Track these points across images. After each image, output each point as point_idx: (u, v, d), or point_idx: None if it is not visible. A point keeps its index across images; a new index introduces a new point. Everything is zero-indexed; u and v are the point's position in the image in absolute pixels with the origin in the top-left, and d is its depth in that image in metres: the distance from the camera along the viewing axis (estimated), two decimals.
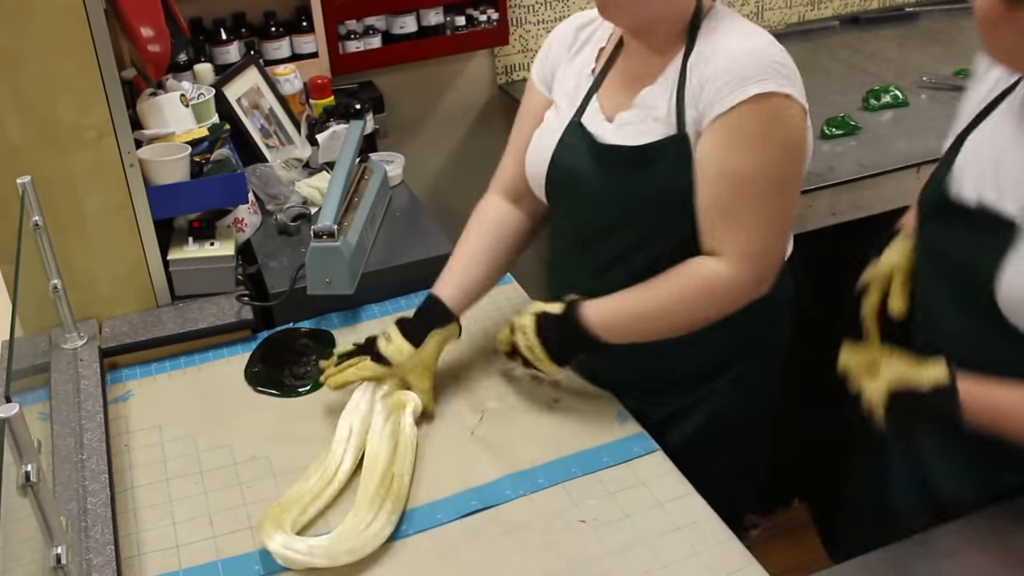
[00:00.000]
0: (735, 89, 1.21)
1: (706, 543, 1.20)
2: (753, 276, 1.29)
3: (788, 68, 1.25)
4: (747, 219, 1.26)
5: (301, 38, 2.37)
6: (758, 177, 1.24)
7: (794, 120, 1.24)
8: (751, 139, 1.23)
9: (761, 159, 1.24)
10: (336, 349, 1.51)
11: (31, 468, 0.92)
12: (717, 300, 1.31)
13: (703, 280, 1.29)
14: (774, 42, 1.27)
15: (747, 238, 1.27)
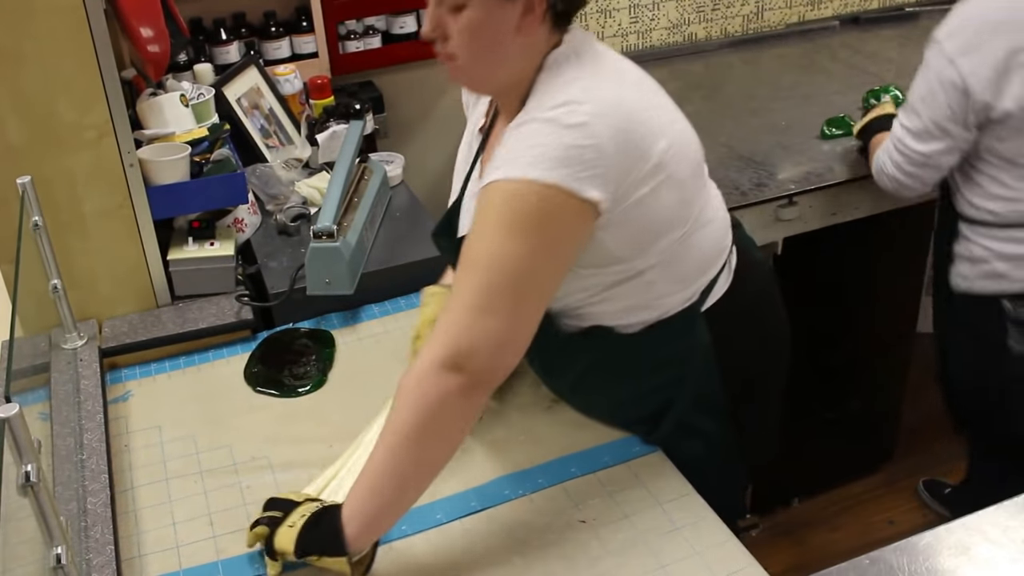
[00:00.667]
0: (491, 169, 1.14)
1: (706, 543, 1.20)
2: (441, 356, 1.10)
3: (556, 149, 1.09)
4: (456, 295, 1.14)
5: (301, 38, 2.37)
6: (471, 250, 1.13)
7: (539, 204, 1.09)
8: (485, 217, 1.13)
9: (478, 233, 1.14)
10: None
11: (31, 468, 0.92)
12: (431, 409, 1.11)
13: (408, 389, 1.13)
14: (572, 113, 1.11)
15: (449, 326, 1.13)
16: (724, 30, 2.91)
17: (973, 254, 1.79)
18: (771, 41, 2.91)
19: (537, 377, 1.50)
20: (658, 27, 2.82)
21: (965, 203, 1.79)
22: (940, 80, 1.68)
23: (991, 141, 1.71)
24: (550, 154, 1.09)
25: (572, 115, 1.11)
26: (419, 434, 1.12)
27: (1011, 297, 1.76)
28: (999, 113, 1.65)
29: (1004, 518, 1.18)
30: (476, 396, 1.14)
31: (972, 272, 1.81)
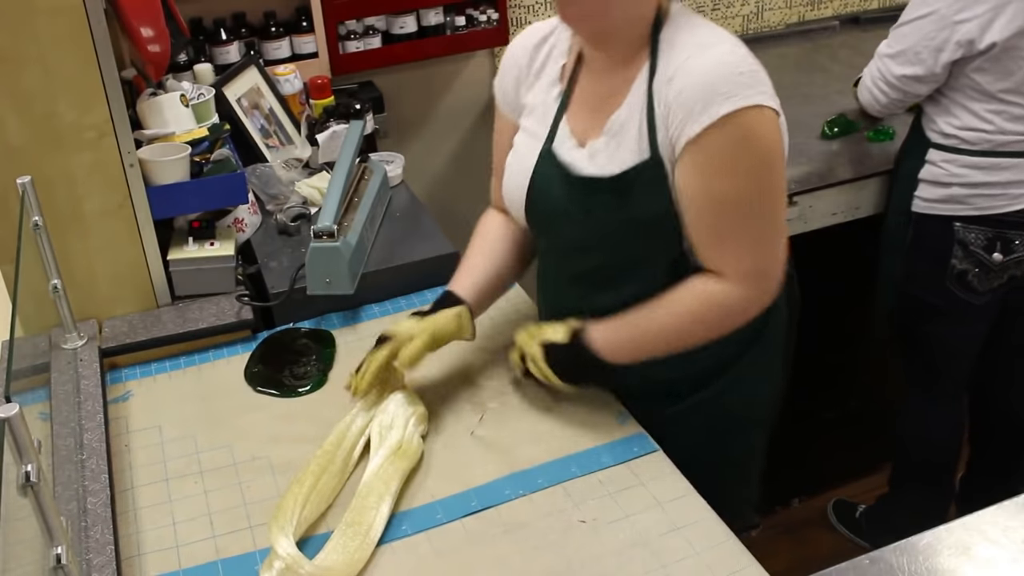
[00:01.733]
0: (701, 113, 1.18)
1: (706, 543, 1.20)
2: (757, 292, 1.29)
3: (750, 74, 1.19)
4: (742, 239, 1.25)
5: (301, 38, 2.37)
6: (742, 198, 1.23)
7: (766, 129, 1.20)
8: (727, 162, 1.20)
9: (742, 180, 1.21)
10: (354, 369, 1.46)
11: (31, 468, 0.92)
12: (724, 319, 1.31)
13: (709, 301, 1.29)
14: (734, 48, 1.22)
15: (744, 258, 1.26)
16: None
17: (937, 178, 1.95)
18: (771, 41, 2.91)
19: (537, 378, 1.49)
20: None
21: (936, 130, 1.94)
22: (932, 9, 1.82)
23: (971, 72, 1.84)
24: (759, 82, 1.19)
25: (741, 49, 1.22)
26: (700, 334, 1.31)
27: (963, 219, 1.94)
28: (984, 44, 1.78)
29: (1004, 518, 1.18)
30: (761, 306, 1.30)
31: (933, 195, 1.96)
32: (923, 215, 2.00)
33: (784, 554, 2.34)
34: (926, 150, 1.96)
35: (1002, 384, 2.23)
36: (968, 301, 2.01)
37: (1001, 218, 1.91)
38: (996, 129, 1.86)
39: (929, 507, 2.25)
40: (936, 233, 1.98)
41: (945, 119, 1.92)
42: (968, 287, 1.99)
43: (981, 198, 1.91)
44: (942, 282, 2.01)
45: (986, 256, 1.94)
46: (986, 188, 1.90)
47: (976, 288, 1.99)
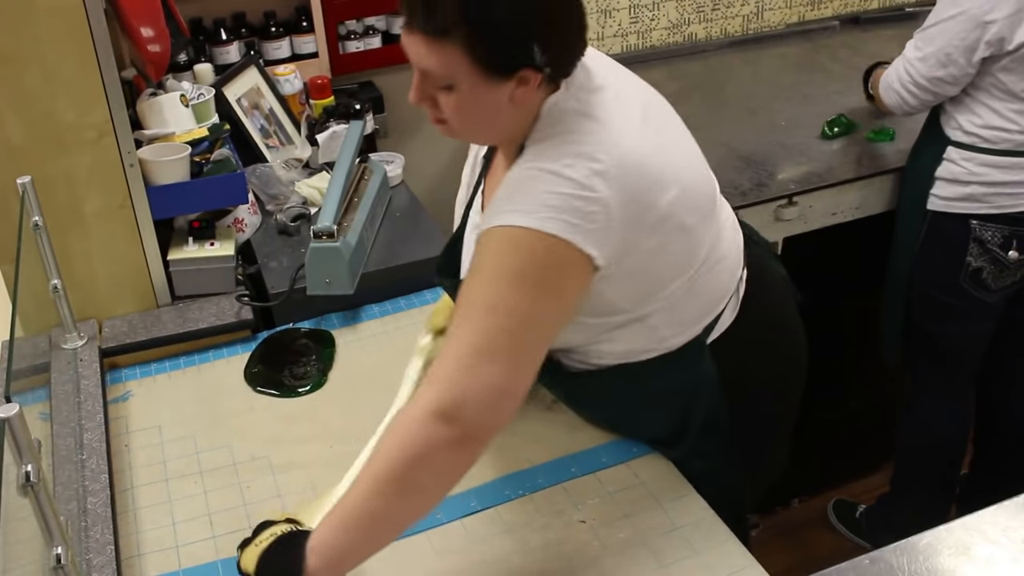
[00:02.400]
0: (486, 219, 1.12)
1: (706, 543, 1.20)
2: (433, 406, 1.05)
3: (564, 200, 1.07)
4: (450, 341, 1.09)
5: (301, 38, 2.37)
6: (469, 296, 1.09)
7: (539, 256, 1.07)
8: (483, 262, 1.10)
9: (477, 280, 1.10)
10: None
11: (31, 468, 0.92)
12: (420, 458, 1.05)
13: (399, 434, 1.07)
14: (572, 172, 1.08)
15: (445, 373, 1.07)
16: (724, 30, 2.91)
17: (956, 176, 1.94)
18: (771, 41, 2.91)
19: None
20: (658, 27, 2.82)
21: (957, 128, 1.94)
22: (962, 9, 1.82)
23: (997, 72, 1.84)
24: (552, 203, 1.07)
25: (575, 169, 1.08)
26: (399, 484, 1.05)
27: (979, 218, 1.94)
28: (1013, 45, 1.78)
29: (1004, 518, 1.18)
30: (466, 452, 1.07)
31: (950, 193, 1.96)
32: (939, 213, 1.98)
33: (784, 554, 2.34)
34: (944, 148, 1.96)
35: (1004, 383, 2.23)
36: (980, 299, 2.01)
37: (1019, 216, 1.91)
38: (1019, 129, 1.86)
39: (931, 508, 2.24)
40: (952, 231, 1.97)
41: (967, 117, 1.92)
42: (982, 285, 1.99)
43: (1000, 196, 1.91)
44: (956, 280, 2.00)
45: (1002, 254, 1.94)
46: (1006, 187, 1.90)
47: (989, 286, 1.99)
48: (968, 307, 2.03)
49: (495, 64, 1.07)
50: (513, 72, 1.08)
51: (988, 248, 1.95)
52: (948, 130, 1.96)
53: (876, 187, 2.14)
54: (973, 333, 2.09)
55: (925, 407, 2.21)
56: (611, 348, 1.27)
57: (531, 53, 1.06)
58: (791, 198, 2.06)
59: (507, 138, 1.19)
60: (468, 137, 1.23)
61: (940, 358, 2.16)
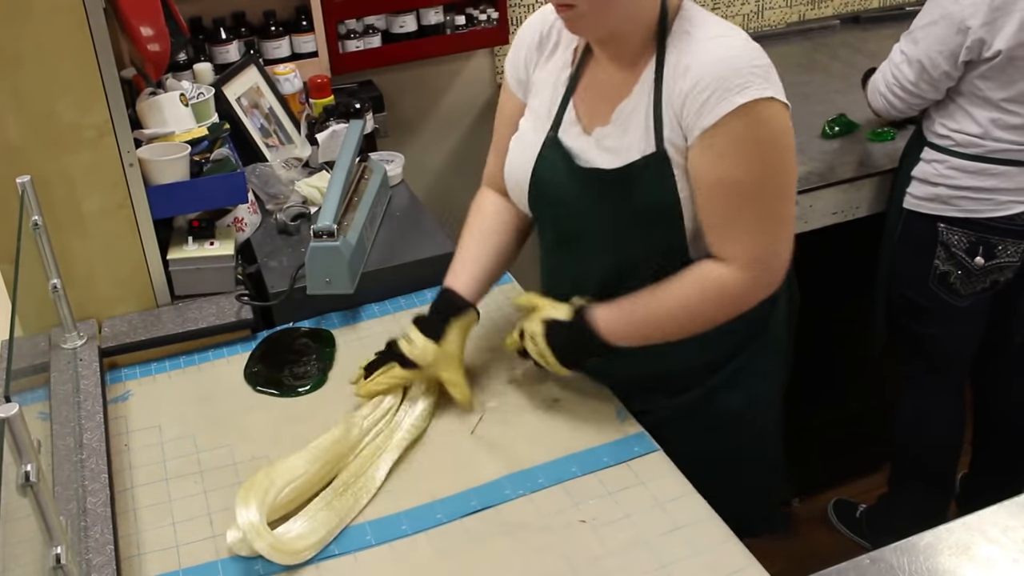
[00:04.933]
0: (718, 102, 1.19)
1: (706, 543, 1.20)
2: (763, 278, 1.30)
3: (764, 68, 1.22)
4: (750, 225, 1.26)
5: (301, 37, 2.37)
6: (754, 184, 1.24)
7: (778, 121, 1.22)
8: (741, 149, 1.22)
9: (755, 167, 1.23)
10: (360, 362, 1.49)
11: (31, 468, 0.92)
12: (729, 305, 1.31)
13: (714, 286, 1.29)
14: (747, 41, 1.24)
15: (753, 243, 1.27)
16: None
17: (927, 177, 1.96)
18: (771, 40, 2.91)
19: (537, 377, 1.49)
20: None
21: (932, 129, 1.96)
22: (944, 14, 1.83)
23: (975, 78, 1.85)
24: (772, 76, 1.22)
25: (752, 43, 1.24)
26: (704, 319, 1.31)
27: (946, 221, 1.96)
28: (991, 52, 1.79)
29: (1004, 518, 1.18)
30: (767, 292, 1.31)
31: (922, 193, 1.98)
32: (912, 212, 2.01)
33: (784, 554, 2.33)
34: (922, 148, 1.98)
35: (1003, 384, 2.23)
36: (951, 303, 2.02)
37: (985, 222, 1.92)
38: (989, 136, 1.87)
39: (929, 506, 2.24)
40: (921, 232, 2.00)
41: (942, 119, 1.93)
42: (950, 289, 2.00)
43: (966, 200, 1.92)
44: (925, 282, 2.02)
45: (968, 260, 1.94)
46: (972, 192, 1.91)
47: (959, 291, 2.00)
48: (941, 310, 2.04)
49: None
50: None
51: (954, 252, 1.95)
52: (926, 131, 1.98)
53: (876, 187, 2.14)
54: (953, 335, 2.10)
55: (915, 406, 2.21)
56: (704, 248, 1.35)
57: None
58: None
59: (629, 25, 1.26)
60: (593, 19, 1.24)
61: (926, 358, 2.16)
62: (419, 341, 1.41)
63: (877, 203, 2.16)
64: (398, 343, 1.43)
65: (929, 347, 2.13)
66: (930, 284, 2.01)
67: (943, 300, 2.02)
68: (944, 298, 2.01)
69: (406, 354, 1.41)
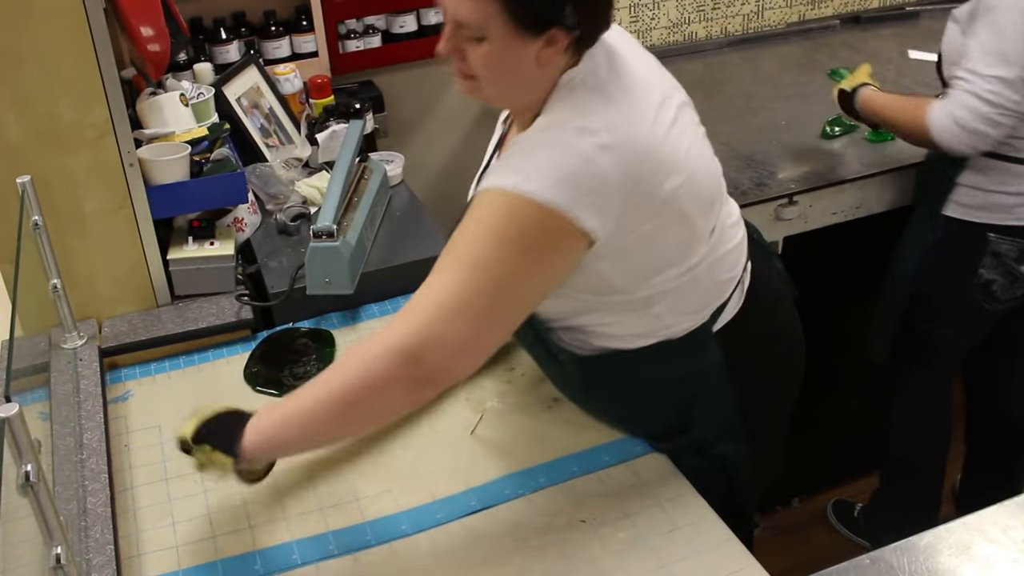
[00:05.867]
0: (492, 175, 1.14)
1: (706, 543, 1.20)
2: (400, 345, 1.09)
3: (544, 162, 1.10)
4: (430, 284, 1.13)
5: (301, 37, 2.37)
6: (455, 247, 1.13)
7: (531, 222, 1.10)
8: (476, 218, 1.13)
9: (466, 234, 1.13)
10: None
11: (31, 468, 0.92)
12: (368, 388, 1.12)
13: (353, 360, 1.13)
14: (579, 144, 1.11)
15: (418, 298, 1.12)
16: (724, 29, 2.91)
17: (979, 184, 1.87)
18: (771, 40, 2.91)
19: (537, 376, 1.50)
20: (658, 26, 2.82)
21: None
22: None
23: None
24: (553, 174, 1.09)
25: (580, 140, 1.11)
26: (350, 404, 1.12)
27: (998, 230, 1.87)
28: None
29: (1004, 518, 1.18)
30: (422, 392, 1.15)
31: (972, 201, 1.89)
32: (956, 220, 1.92)
33: (784, 554, 2.34)
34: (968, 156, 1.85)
35: (1001, 385, 2.22)
36: (984, 308, 1.98)
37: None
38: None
39: (919, 503, 2.24)
40: (967, 240, 1.92)
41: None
42: (991, 296, 1.95)
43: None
44: (964, 289, 1.96)
45: (1016, 267, 1.89)
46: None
47: (998, 297, 1.95)
48: (970, 314, 2.00)
49: (528, 19, 1.11)
50: (544, 30, 1.12)
51: (1004, 261, 1.90)
52: None
53: (876, 187, 2.14)
54: (968, 337, 2.08)
55: (908, 403, 2.21)
56: (614, 330, 1.28)
57: (563, 12, 1.10)
58: (791, 198, 2.06)
59: (526, 103, 1.21)
60: (491, 94, 1.22)
61: (928, 357, 2.14)
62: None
63: (877, 203, 2.16)
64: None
65: (936, 346, 2.11)
66: (969, 291, 1.95)
67: (976, 305, 1.97)
68: (979, 303, 1.96)
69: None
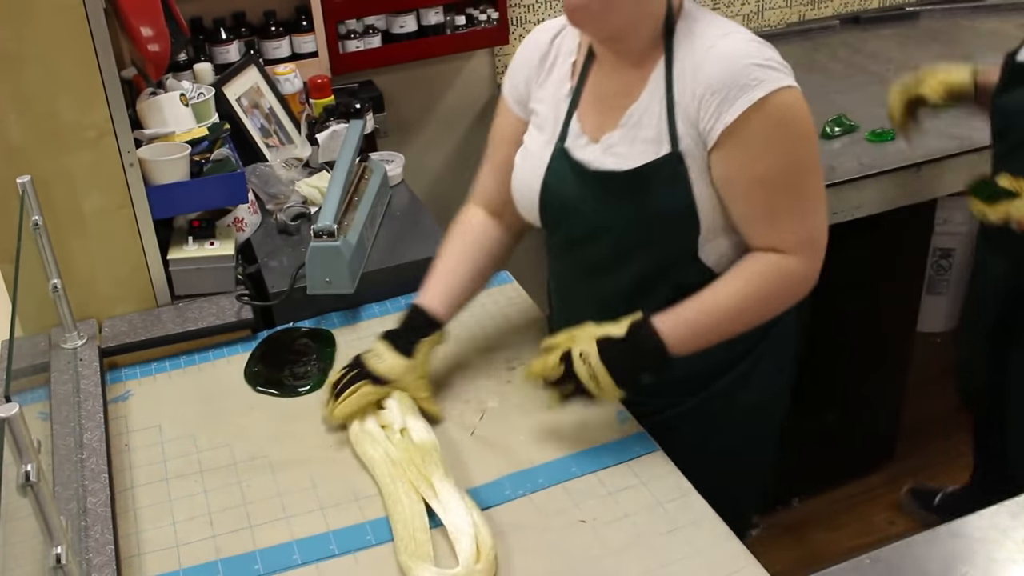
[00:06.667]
0: (736, 99, 1.20)
1: (706, 543, 1.20)
2: (817, 255, 1.30)
3: (773, 59, 1.23)
4: (794, 211, 1.27)
5: (301, 37, 2.37)
6: (790, 173, 1.25)
7: (797, 107, 1.24)
8: (769, 142, 1.23)
9: (787, 156, 1.24)
10: (329, 377, 1.47)
11: (31, 468, 0.92)
12: (795, 290, 1.32)
13: (777, 276, 1.29)
14: (751, 37, 1.26)
15: (802, 226, 1.28)
16: None
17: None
18: (771, 40, 2.88)
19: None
20: None
21: None
22: None
23: None
24: (780, 63, 1.23)
25: (757, 39, 1.25)
26: (771, 311, 1.32)
27: None
28: None
29: (1004, 518, 1.18)
30: (820, 268, 1.31)
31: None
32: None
33: (784, 554, 2.34)
34: None
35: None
36: None
37: None
38: None
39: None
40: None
41: None
42: None
43: None
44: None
45: None
46: None
47: None
48: None
49: None
50: None
51: None
52: None
53: (876, 187, 2.14)
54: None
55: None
56: (716, 250, 1.34)
57: None
58: None
59: (635, 24, 1.26)
60: (600, 16, 1.24)
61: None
62: (388, 357, 1.39)
63: (877, 203, 2.16)
64: (366, 358, 1.41)
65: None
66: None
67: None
68: None
69: (376, 370, 1.39)
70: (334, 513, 1.28)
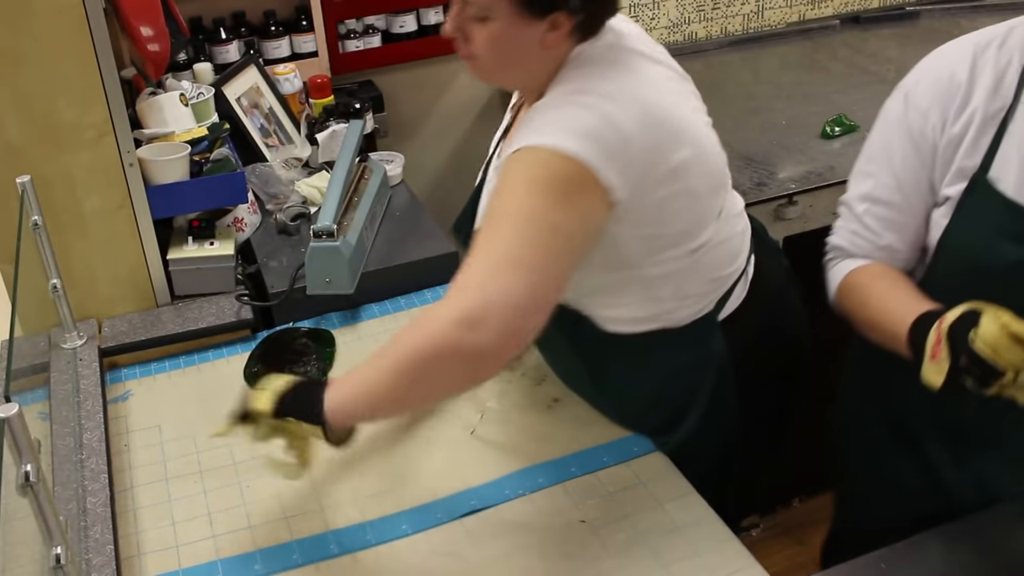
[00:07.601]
0: (514, 143, 1.14)
1: (706, 543, 1.20)
2: (458, 311, 1.04)
3: (566, 120, 1.12)
4: (477, 250, 1.09)
5: (301, 37, 2.37)
6: (495, 211, 1.12)
7: (562, 171, 1.10)
8: (508, 179, 1.12)
9: (503, 196, 1.12)
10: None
11: (30, 468, 0.92)
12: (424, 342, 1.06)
13: (415, 329, 1.09)
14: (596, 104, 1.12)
15: (468, 266, 1.09)
16: (724, 29, 2.91)
17: None
18: (771, 40, 2.91)
19: (537, 376, 1.49)
20: (658, 26, 2.82)
21: None
22: None
23: None
24: (575, 130, 1.10)
25: (599, 102, 1.13)
26: (412, 375, 1.07)
27: None
28: None
29: (1004, 518, 1.18)
30: (484, 363, 1.07)
31: None
32: None
33: (784, 554, 2.34)
34: None
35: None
36: None
37: None
38: None
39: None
40: None
41: None
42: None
43: None
44: None
45: None
46: None
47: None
48: None
49: (532, 1, 1.13)
50: (547, 13, 1.14)
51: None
52: None
53: None
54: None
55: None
56: (617, 313, 1.29)
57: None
58: (792, 197, 2.06)
59: (531, 84, 1.24)
60: (494, 75, 1.25)
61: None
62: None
63: None
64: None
65: None
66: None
67: None
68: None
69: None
70: (334, 513, 1.28)
